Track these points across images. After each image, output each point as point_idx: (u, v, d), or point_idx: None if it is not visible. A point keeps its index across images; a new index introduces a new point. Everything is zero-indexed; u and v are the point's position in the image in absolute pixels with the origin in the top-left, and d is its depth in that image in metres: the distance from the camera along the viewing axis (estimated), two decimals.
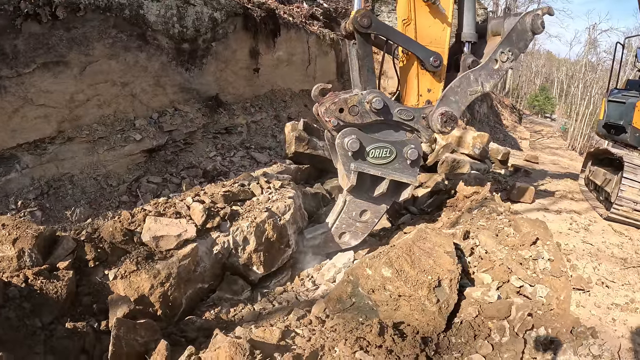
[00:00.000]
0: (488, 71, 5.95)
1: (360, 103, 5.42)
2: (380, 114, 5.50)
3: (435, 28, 5.84)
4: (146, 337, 3.76)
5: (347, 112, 5.40)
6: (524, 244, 5.65)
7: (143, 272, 4.77)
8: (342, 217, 6.22)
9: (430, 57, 5.72)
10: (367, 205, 6.19)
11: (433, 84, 6.02)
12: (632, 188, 7.73)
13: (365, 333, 3.60)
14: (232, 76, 12.12)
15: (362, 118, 5.48)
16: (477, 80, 5.91)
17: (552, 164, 17.50)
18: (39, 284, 4.11)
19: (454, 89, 5.81)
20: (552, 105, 56.84)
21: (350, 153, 5.49)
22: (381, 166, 5.74)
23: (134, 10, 8.78)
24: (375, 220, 6.37)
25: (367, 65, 5.55)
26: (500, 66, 5.97)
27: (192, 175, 9.78)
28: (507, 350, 3.77)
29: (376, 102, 5.35)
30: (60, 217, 7.02)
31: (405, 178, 5.88)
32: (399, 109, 5.64)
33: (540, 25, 6.00)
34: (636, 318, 5.18)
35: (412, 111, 5.74)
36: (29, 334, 3.78)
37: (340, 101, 5.39)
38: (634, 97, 9.19)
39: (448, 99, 5.78)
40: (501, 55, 5.94)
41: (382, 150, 5.67)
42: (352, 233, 6.36)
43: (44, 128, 7.49)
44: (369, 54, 5.56)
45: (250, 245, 5.83)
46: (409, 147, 5.74)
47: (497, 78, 6.05)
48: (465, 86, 5.87)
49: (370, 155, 5.63)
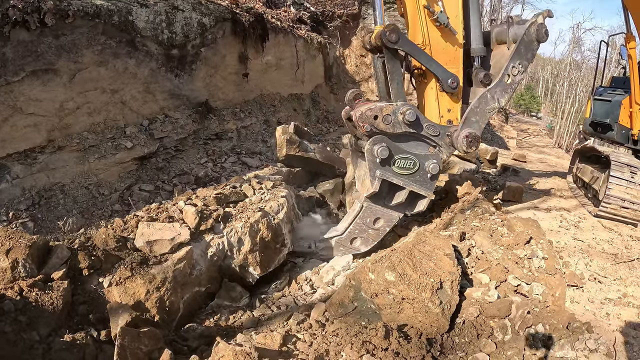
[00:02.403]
0: (502, 87, 6.20)
1: (394, 113, 5.66)
2: (411, 126, 5.77)
3: (448, 49, 6.08)
4: (150, 346, 3.74)
5: (380, 120, 5.62)
6: (519, 243, 5.73)
7: (138, 278, 4.74)
8: (357, 223, 6.33)
9: (448, 80, 5.96)
10: (382, 212, 6.33)
11: (452, 104, 6.26)
12: (619, 186, 7.87)
13: (371, 337, 3.63)
14: (221, 81, 12.09)
15: (394, 128, 5.72)
16: (493, 97, 6.19)
17: (539, 163, 17.73)
18: (34, 295, 4.05)
19: (474, 110, 6.09)
20: (538, 104, 57.65)
21: (378, 160, 5.66)
22: (404, 176, 5.95)
23: (122, 16, 8.72)
24: (387, 228, 6.49)
25: (397, 78, 5.80)
26: (513, 80, 6.23)
27: (184, 182, 9.72)
28: (510, 348, 3.84)
29: (409, 115, 5.63)
30: (52, 227, 6.93)
31: (423, 190, 6.11)
32: (427, 124, 5.93)
33: (544, 34, 6.21)
34: (629, 312, 5.28)
35: (438, 128, 6.02)
36: (27, 348, 3.72)
37: (376, 109, 5.62)
38: (620, 95, 9.36)
39: (470, 120, 6.05)
40: (512, 70, 6.17)
41: (407, 162, 5.89)
42: (364, 239, 6.46)
43: (34, 137, 7.39)
44: (397, 68, 5.79)
45: (245, 245, 5.83)
46: (431, 162, 5.98)
47: (510, 92, 6.33)
48: (484, 105, 6.14)
49: (395, 164, 5.84)
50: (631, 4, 8.35)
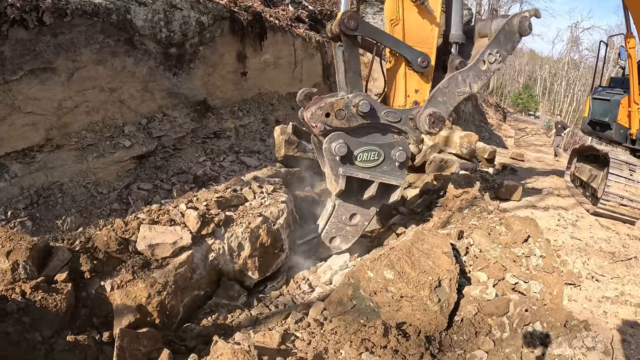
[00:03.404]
0: (476, 72, 5.98)
1: (346, 107, 5.34)
2: (367, 117, 5.43)
3: (423, 28, 5.84)
4: (149, 347, 3.74)
5: (333, 117, 5.32)
6: (516, 242, 5.76)
7: (140, 282, 4.74)
8: (332, 222, 6.19)
9: (418, 58, 5.70)
10: (357, 209, 6.15)
11: (421, 85, 5.98)
12: (618, 184, 7.92)
13: (370, 334, 3.65)
14: (219, 80, 12.08)
15: (349, 122, 5.40)
16: (465, 81, 5.94)
17: (537, 161, 17.79)
18: (39, 297, 4.06)
19: (442, 89, 5.82)
20: (536, 103, 57.76)
21: (338, 157, 5.39)
22: (369, 169, 5.67)
23: (121, 15, 8.71)
24: (365, 223, 6.35)
25: (354, 67, 5.50)
26: (488, 67, 6.02)
27: (182, 181, 9.72)
28: (508, 346, 3.86)
29: (363, 106, 5.27)
30: (51, 226, 6.92)
31: (393, 180, 5.82)
32: (385, 111, 5.60)
33: (527, 27, 6.07)
34: (627, 310, 5.32)
35: (399, 113, 5.70)
36: (30, 349, 3.72)
37: (327, 105, 5.31)
38: (619, 94, 9.41)
39: (436, 100, 5.78)
40: (489, 57, 5.99)
41: (370, 154, 5.61)
42: (343, 237, 6.35)
43: (32, 136, 7.38)
44: (355, 56, 5.51)
45: (245, 250, 5.82)
46: (397, 150, 5.69)
47: (484, 79, 6.09)
48: (454, 87, 5.89)
49: (358, 159, 5.56)
50: (631, 4, 8.38)
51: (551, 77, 61.19)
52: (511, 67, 67.98)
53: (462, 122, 21.63)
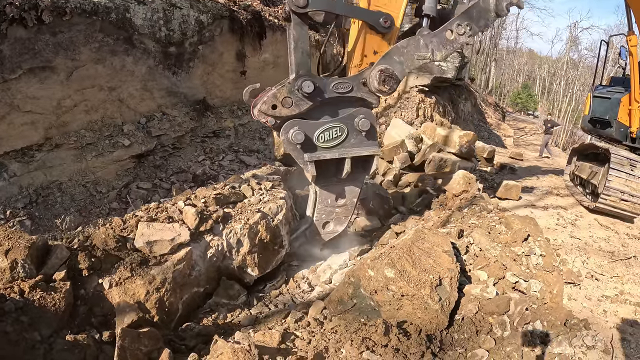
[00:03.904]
0: (441, 40, 5.69)
1: (291, 93, 5.08)
2: (314, 96, 5.15)
3: None
4: (149, 346, 3.74)
5: (281, 107, 5.07)
6: (516, 241, 5.77)
7: (138, 279, 4.73)
8: (319, 208, 6.02)
9: (380, 18, 5.39)
10: (340, 188, 5.94)
11: (381, 47, 5.61)
12: (619, 178, 7.93)
13: (371, 333, 3.64)
14: (219, 79, 12.07)
15: (299, 107, 5.14)
16: (427, 46, 5.62)
17: (536, 161, 17.80)
18: (37, 296, 4.04)
19: (400, 49, 5.48)
20: (535, 103, 57.79)
21: (298, 146, 5.19)
22: (336, 147, 5.43)
23: (120, 13, 8.69)
24: (353, 200, 6.13)
25: (302, 47, 5.18)
26: (456, 38, 5.74)
27: (181, 180, 9.71)
28: (509, 344, 3.86)
29: (305, 86, 5.00)
30: (50, 225, 6.91)
31: (365, 151, 5.57)
32: (334, 83, 5.30)
33: (505, 8, 5.89)
34: (626, 309, 5.33)
35: (349, 81, 5.41)
36: (28, 348, 3.71)
37: (270, 98, 5.07)
38: (619, 93, 9.43)
39: (391, 58, 5.42)
40: (458, 28, 5.72)
41: (332, 131, 5.36)
42: (335, 220, 6.17)
43: (31, 135, 7.36)
44: (304, 36, 5.19)
45: (244, 247, 5.82)
46: (359, 118, 5.41)
47: (450, 49, 5.79)
48: (413, 49, 5.56)
49: (320, 140, 5.31)
50: (633, 2, 8.38)
51: (550, 77, 61.22)
52: (510, 67, 68.04)
53: (461, 121, 21.64)
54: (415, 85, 17.43)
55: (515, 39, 66.48)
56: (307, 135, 5.19)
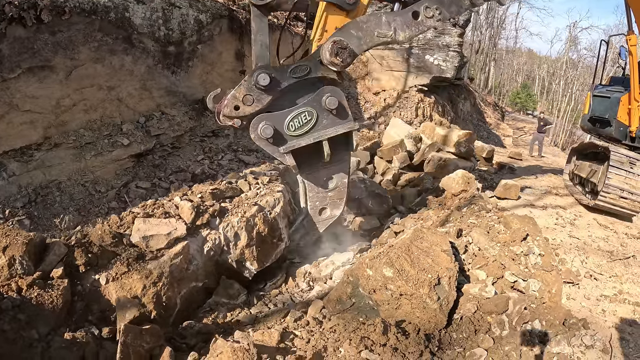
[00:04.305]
0: (405, 20, 5.46)
1: (250, 89, 4.97)
2: (272, 88, 5.02)
3: None
4: (151, 343, 3.75)
5: (243, 106, 4.98)
6: (515, 240, 5.77)
7: (134, 273, 4.75)
8: (311, 196, 5.93)
9: None
10: (326, 173, 5.84)
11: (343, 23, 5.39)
12: (619, 176, 7.95)
13: (369, 332, 3.65)
14: (218, 79, 12.03)
15: (261, 102, 5.04)
16: (389, 24, 5.37)
17: (535, 160, 17.80)
18: (35, 294, 4.05)
19: (359, 23, 5.27)
20: (534, 102, 57.79)
21: (270, 140, 5.10)
22: (309, 132, 5.31)
23: (119, 13, 8.66)
24: (344, 181, 6.00)
25: (261, 39, 5.05)
26: (423, 20, 5.50)
27: (180, 179, 9.68)
28: (508, 343, 3.87)
29: (261, 80, 4.87)
30: (49, 225, 6.89)
31: (341, 128, 5.42)
32: (291, 69, 5.15)
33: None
34: (625, 308, 5.33)
35: (305, 63, 5.24)
36: (26, 346, 3.72)
37: (230, 100, 4.98)
38: (619, 92, 9.45)
39: (348, 32, 5.22)
40: (426, 10, 5.49)
41: (300, 118, 5.24)
42: (330, 204, 6.05)
43: (30, 134, 7.33)
44: (263, 28, 5.08)
45: (242, 240, 5.83)
46: (326, 97, 5.24)
47: (415, 30, 5.56)
48: (374, 26, 5.31)
49: (291, 129, 5.21)
50: (633, 2, 8.39)
51: (549, 77, 61.27)
52: (509, 67, 68.07)
53: (460, 121, 21.64)
54: (414, 85, 17.45)
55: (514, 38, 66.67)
56: (276, 127, 5.11)
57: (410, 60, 17.19)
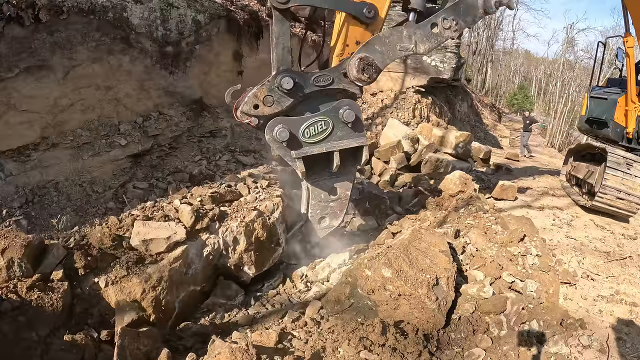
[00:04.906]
0: (425, 32, 5.58)
1: (271, 91, 5.03)
2: (294, 92, 5.09)
3: None
4: (148, 346, 3.74)
5: (262, 106, 5.02)
6: (513, 241, 5.79)
7: (134, 277, 4.73)
8: (313, 204, 5.96)
9: (363, 9, 5.32)
10: (332, 183, 5.89)
11: (364, 37, 5.51)
12: (615, 177, 7.99)
13: (368, 333, 3.65)
14: (215, 79, 12.04)
15: (281, 104, 5.09)
16: (410, 37, 5.50)
17: (532, 162, 17.85)
18: (35, 296, 4.04)
19: (382, 38, 5.40)
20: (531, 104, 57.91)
21: (284, 143, 5.13)
22: (323, 141, 5.37)
23: (117, 13, 8.66)
24: (347, 193, 6.05)
25: (283, 43, 5.08)
26: (441, 32, 5.65)
27: (178, 180, 9.68)
28: (506, 343, 3.89)
29: (285, 83, 4.94)
30: (46, 225, 6.88)
31: (354, 142, 5.50)
32: (314, 77, 5.24)
33: (493, 5, 5.81)
34: (622, 309, 5.36)
35: (329, 73, 5.33)
36: (26, 349, 3.71)
37: (251, 98, 5.02)
38: (616, 93, 9.50)
39: (372, 47, 5.34)
40: (444, 22, 5.62)
41: (317, 126, 5.30)
42: (330, 215, 6.10)
43: (27, 134, 7.32)
44: (285, 31, 5.11)
45: (241, 245, 5.82)
46: (343, 110, 5.33)
47: (434, 42, 5.69)
48: (396, 40, 5.44)
49: (306, 135, 5.25)
50: (630, 4, 8.43)
51: (546, 78, 61.45)
52: (506, 68, 68.24)
53: (457, 122, 21.68)
54: (411, 86, 17.48)
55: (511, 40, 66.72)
56: (291, 132, 5.13)
57: (408, 61, 17.21)
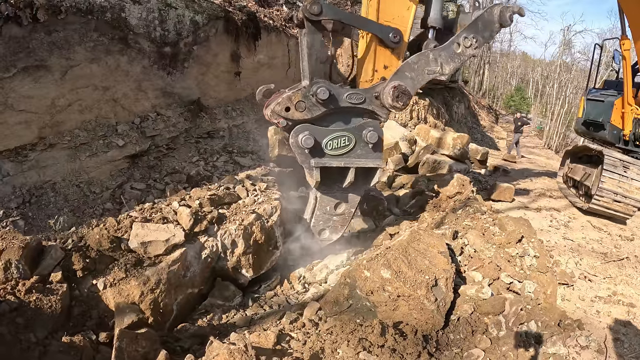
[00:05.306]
0: (449, 53, 5.79)
1: (305, 97, 5.18)
2: (327, 103, 5.26)
3: (399, 5, 5.67)
4: (146, 347, 3.72)
5: (294, 110, 5.16)
6: (510, 242, 5.81)
7: (132, 280, 4.72)
8: (318, 214, 6.07)
9: (389, 33, 5.52)
10: (340, 197, 6.01)
11: (391, 61, 5.78)
12: (612, 180, 8.04)
13: (367, 334, 3.65)
14: (213, 80, 12.02)
15: (311, 112, 5.24)
16: (436, 60, 5.73)
17: (529, 163, 17.93)
18: (33, 298, 4.02)
19: (410, 64, 5.61)
20: (528, 105, 58.11)
21: (306, 150, 5.26)
22: (342, 156, 5.52)
23: (115, 13, 8.64)
24: (351, 210, 6.19)
25: (315, 54, 5.26)
26: (463, 51, 5.84)
27: (175, 181, 9.65)
28: (505, 344, 3.90)
29: (321, 93, 5.10)
30: (43, 226, 6.84)
31: (370, 163, 5.67)
32: (348, 93, 5.41)
33: (508, 19, 5.96)
34: (619, 309, 5.39)
35: (362, 93, 5.51)
36: (24, 350, 3.69)
37: (284, 100, 5.14)
38: (612, 96, 9.55)
39: (403, 74, 5.56)
40: (465, 40, 5.81)
41: (340, 140, 5.45)
42: (331, 228, 6.22)
43: (24, 134, 7.28)
44: (318, 42, 5.28)
45: (239, 248, 5.82)
46: (368, 130, 5.50)
47: (457, 62, 5.90)
48: (424, 64, 5.68)
49: (328, 147, 5.40)
50: (627, 7, 8.47)
51: (543, 80, 61.63)
52: (503, 69, 68.44)
53: (454, 123, 21.73)
54: None
55: (508, 42, 67.00)
56: (316, 140, 5.27)
57: None
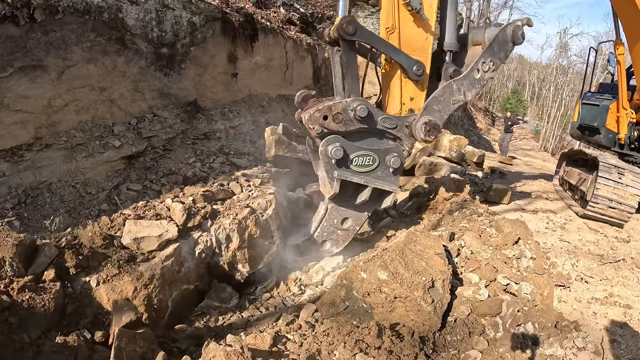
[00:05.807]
0: (470, 81, 6.04)
1: (344, 111, 5.40)
2: (364, 122, 5.50)
3: (418, 37, 5.89)
4: (144, 347, 3.71)
5: (331, 120, 5.38)
6: (507, 244, 5.82)
7: (125, 275, 4.72)
8: (324, 225, 6.19)
9: (413, 66, 5.77)
10: (349, 212, 6.18)
11: (416, 93, 6.06)
12: (607, 186, 8.05)
13: (364, 335, 3.64)
14: (210, 81, 11.99)
15: (346, 126, 5.47)
16: (459, 89, 6.00)
17: (525, 165, 17.99)
18: (26, 297, 3.99)
19: (437, 98, 5.88)
20: (524, 108, 58.34)
21: (333, 161, 5.44)
22: (364, 174, 5.73)
23: (112, 13, 8.60)
24: (356, 227, 6.36)
25: (351, 72, 5.55)
26: (482, 76, 6.09)
27: (172, 182, 9.59)
28: (502, 345, 3.89)
29: (360, 110, 5.35)
30: (39, 226, 6.78)
31: (387, 186, 5.88)
32: (382, 117, 5.68)
33: (520, 37, 6.12)
34: (616, 311, 5.40)
35: (395, 119, 5.77)
36: (17, 350, 3.66)
37: (325, 108, 5.36)
38: (607, 99, 9.58)
39: (431, 108, 5.83)
40: (483, 66, 6.04)
41: (366, 158, 5.68)
42: (334, 241, 6.35)
43: (20, 134, 7.22)
44: (353, 61, 5.56)
45: (234, 242, 5.83)
46: (392, 156, 5.76)
47: (478, 87, 6.16)
48: (449, 96, 5.95)
49: (353, 163, 5.61)
50: (621, 11, 8.51)
51: (540, 83, 61.85)
52: (500, 72, 68.59)
53: (451, 126, 21.78)
54: None
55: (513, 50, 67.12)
56: (345, 153, 5.47)
57: None
